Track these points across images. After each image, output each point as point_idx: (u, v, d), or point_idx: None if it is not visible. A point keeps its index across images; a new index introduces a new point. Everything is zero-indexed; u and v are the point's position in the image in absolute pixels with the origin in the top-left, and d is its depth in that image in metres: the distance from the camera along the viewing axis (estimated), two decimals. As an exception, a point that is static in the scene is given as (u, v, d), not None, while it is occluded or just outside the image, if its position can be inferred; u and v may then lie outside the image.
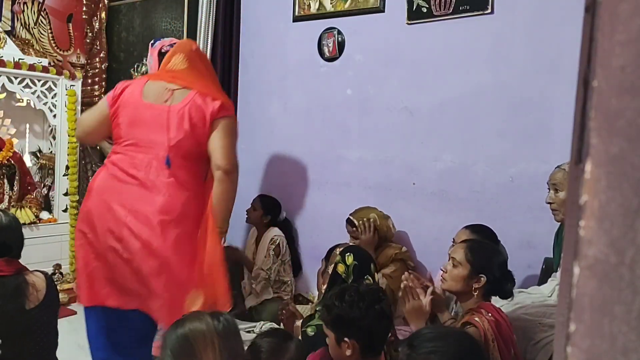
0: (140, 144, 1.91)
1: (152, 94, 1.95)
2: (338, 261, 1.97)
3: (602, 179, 0.33)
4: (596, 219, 0.34)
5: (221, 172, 1.94)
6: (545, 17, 2.63)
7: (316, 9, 3.42)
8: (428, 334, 1.33)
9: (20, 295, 1.71)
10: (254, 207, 3.35)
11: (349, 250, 2.01)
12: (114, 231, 1.88)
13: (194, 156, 1.95)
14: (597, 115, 0.34)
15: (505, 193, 2.76)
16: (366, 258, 2.04)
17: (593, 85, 0.34)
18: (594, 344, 0.33)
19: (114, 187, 1.90)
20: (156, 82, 1.98)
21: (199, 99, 1.96)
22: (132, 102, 1.94)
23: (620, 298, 0.33)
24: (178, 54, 2.06)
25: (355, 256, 1.98)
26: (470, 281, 1.77)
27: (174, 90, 1.95)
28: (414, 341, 1.31)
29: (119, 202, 1.88)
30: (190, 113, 1.91)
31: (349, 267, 1.95)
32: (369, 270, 1.99)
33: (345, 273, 1.95)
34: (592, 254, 0.33)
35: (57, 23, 4.04)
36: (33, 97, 3.64)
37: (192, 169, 1.96)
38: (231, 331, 1.33)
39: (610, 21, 0.33)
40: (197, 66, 2.06)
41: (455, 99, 2.91)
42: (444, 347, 1.26)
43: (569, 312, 0.34)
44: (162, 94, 1.94)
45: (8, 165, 3.52)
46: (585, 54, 0.36)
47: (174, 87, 1.95)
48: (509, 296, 1.82)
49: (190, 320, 1.33)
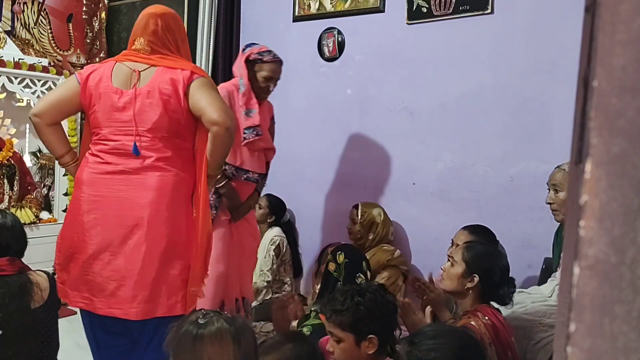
0: (116, 132, 1.84)
1: (120, 79, 1.88)
2: (329, 260, 1.98)
3: (603, 178, 0.33)
4: (596, 218, 0.33)
5: (218, 127, 1.77)
6: (545, 17, 2.63)
7: (316, 9, 3.42)
8: (429, 331, 1.34)
9: (24, 294, 1.71)
10: (260, 206, 3.35)
11: (340, 249, 2.02)
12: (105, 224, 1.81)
13: (174, 134, 1.84)
14: (597, 115, 0.34)
15: (505, 193, 2.76)
16: (358, 256, 2.04)
17: (593, 85, 0.34)
18: (594, 344, 0.33)
19: (99, 179, 1.85)
20: (123, 64, 1.91)
21: (166, 74, 1.84)
22: (103, 87, 1.88)
23: (621, 298, 0.33)
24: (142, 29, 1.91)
25: (347, 254, 1.99)
26: (464, 280, 1.77)
27: (140, 72, 1.85)
28: (415, 338, 1.31)
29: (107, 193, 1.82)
30: (160, 91, 1.81)
31: (340, 265, 1.96)
32: (361, 267, 1.99)
33: (336, 271, 1.95)
34: (593, 253, 0.33)
35: (57, 23, 4.04)
36: (33, 97, 3.64)
37: (174, 148, 1.85)
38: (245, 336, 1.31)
39: (610, 21, 0.33)
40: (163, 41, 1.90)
41: (455, 99, 2.91)
42: (444, 344, 1.26)
43: (569, 312, 0.34)
44: (130, 77, 1.87)
45: (8, 165, 3.52)
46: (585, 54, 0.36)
47: (140, 68, 1.86)
48: (506, 303, 1.81)
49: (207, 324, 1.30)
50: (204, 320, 1.30)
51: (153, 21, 1.90)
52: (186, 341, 1.29)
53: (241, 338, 1.29)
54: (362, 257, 2.06)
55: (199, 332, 1.28)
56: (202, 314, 1.34)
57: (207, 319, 1.31)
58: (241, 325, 1.33)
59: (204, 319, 1.30)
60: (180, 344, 1.30)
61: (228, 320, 1.31)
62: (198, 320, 1.30)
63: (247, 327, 1.35)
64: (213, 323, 1.29)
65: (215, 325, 1.28)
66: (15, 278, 1.72)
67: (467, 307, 1.78)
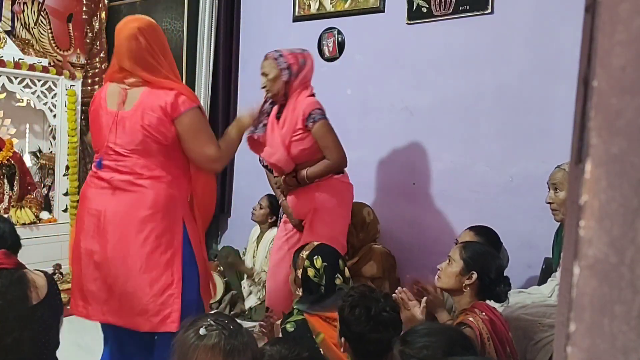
0: (105, 150, 1.88)
1: (111, 98, 1.89)
2: (307, 266, 1.96)
3: (602, 178, 0.33)
4: (596, 218, 0.34)
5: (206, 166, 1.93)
6: (545, 17, 2.63)
7: (316, 9, 3.42)
8: (421, 330, 1.36)
9: (21, 285, 1.71)
10: (261, 206, 3.35)
11: (315, 252, 1.99)
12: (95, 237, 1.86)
13: (158, 150, 1.85)
14: (597, 115, 0.34)
15: (505, 193, 2.76)
16: (334, 256, 2.02)
17: (593, 85, 0.34)
18: (594, 344, 0.33)
19: (92, 194, 1.90)
20: (112, 85, 1.91)
21: (151, 99, 1.83)
22: (97, 109, 1.92)
23: (620, 297, 0.33)
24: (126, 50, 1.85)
25: (323, 257, 1.97)
26: (462, 277, 1.79)
27: (127, 91, 1.86)
28: (407, 337, 1.33)
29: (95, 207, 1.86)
30: (143, 118, 1.81)
31: (319, 270, 1.95)
32: (339, 267, 1.99)
33: (316, 277, 1.95)
34: (592, 253, 0.33)
35: (57, 23, 4.04)
36: (33, 97, 3.64)
37: (160, 162, 1.86)
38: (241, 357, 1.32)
39: (610, 21, 0.33)
40: (146, 60, 1.84)
41: (455, 99, 2.91)
42: (436, 342, 1.27)
43: (569, 312, 0.34)
44: (118, 97, 1.87)
45: (8, 165, 3.52)
46: (585, 54, 0.36)
47: (126, 87, 1.86)
48: (502, 300, 1.83)
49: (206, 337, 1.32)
50: (205, 332, 1.33)
51: (135, 43, 1.83)
52: (183, 346, 1.34)
53: (235, 357, 1.31)
54: (337, 256, 2.05)
55: (195, 342, 1.32)
56: (208, 323, 1.35)
57: (209, 330, 1.33)
58: (240, 345, 1.33)
59: (206, 330, 1.33)
60: (179, 346, 1.35)
61: (229, 337, 1.33)
62: (200, 329, 1.33)
63: (247, 347, 1.36)
64: (212, 337, 1.32)
65: (212, 340, 1.31)
66: (13, 271, 1.72)
67: (464, 305, 1.80)
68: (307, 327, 1.87)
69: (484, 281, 1.79)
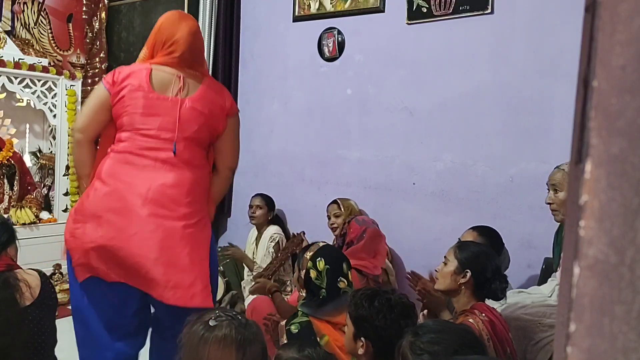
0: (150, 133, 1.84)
1: (162, 84, 1.87)
2: (310, 267, 1.94)
3: (602, 179, 0.33)
4: (596, 219, 0.33)
5: (230, 171, 2.04)
6: (545, 17, 2.63)
7: (316, 9, 3.42)
8: (433, 325, 1.36)
9: (8, 287, 1.69)
10: (260, 206, 3.33)
11: (319, 254, 1.95)
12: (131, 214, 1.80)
13: (205, 143, 1.95)
14: (597, 115, 0.34)
15: (505, 193, 2.76)
16: (338, 259, 1.98)
17: (593, 85, 0.34)
18: (594, 344, 0.33)
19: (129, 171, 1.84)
20: (163, 69, 1.90)
21: (212, 93, 1.93)
22: (140, 91, 1.86)
23: (621, 298, 0.33)
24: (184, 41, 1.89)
25: (327, 259, 1.94)
26: (457, 277, 1.79)
27: (186, 79, 1.88)
28: (419, 330, 1.33)
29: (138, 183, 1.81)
30: (208, 107, 1.89)
31: (321, 272, 1.92)
32: (342, 271, 1.96)
33: (318, 279, 1.93)
34: (592, 253, 0.33)
35: (57, 23, 4.05)
36: (33, 97, 3.64)
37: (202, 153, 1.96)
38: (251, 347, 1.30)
39: (610, 21, 0.33)
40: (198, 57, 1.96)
41: (455, 99, 2.91)
42: (448, 339, 1.28)
43: (569, 312, 0.34)
44: (173, 84, 1.88)
45: (8, 165, 3.52)
46: (585, 54, 0.36)
47: (184, 75, 1.88)
48: (500, 297, 1.83)
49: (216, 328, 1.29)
50: (214, 323, 1.30)
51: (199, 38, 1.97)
52: (192, 340, 1.30)
53: (247, 348, 1.28)
54: (342, 259, 2.01)
55: (205, 335, 1.28)
56: (216, 315, 1.33)
57: (218, 322, 1.30)
58: (251, 335, 1.31)
59: (215, 322, 1.30)
60: (188, 340, 1.31)
61: (239, 327, 1.30)
62: (209, 321, 1.30)
63: (257, 338, 1.33)
64: (222, 328, 1.29)
65: (222, 330, 1.28)
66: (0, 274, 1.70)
67: (463, 305, 1.80)
68: (312, 329, 1.86)
69: (479, 279, 1.79)
